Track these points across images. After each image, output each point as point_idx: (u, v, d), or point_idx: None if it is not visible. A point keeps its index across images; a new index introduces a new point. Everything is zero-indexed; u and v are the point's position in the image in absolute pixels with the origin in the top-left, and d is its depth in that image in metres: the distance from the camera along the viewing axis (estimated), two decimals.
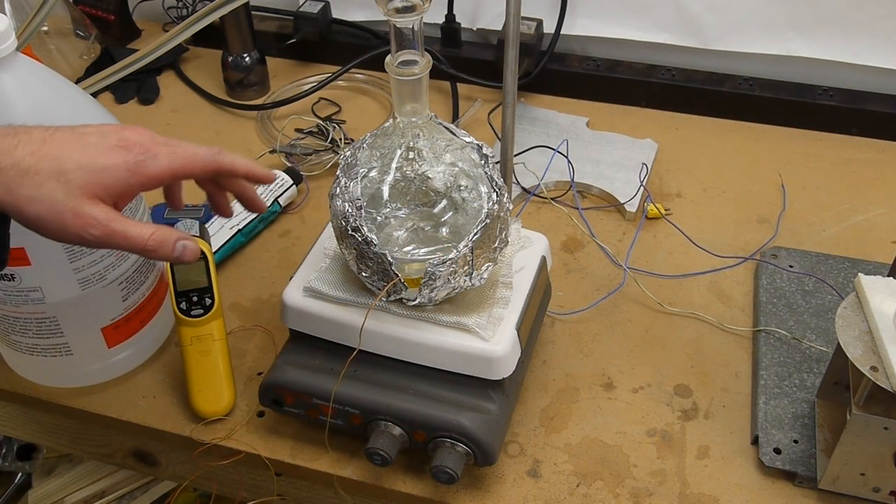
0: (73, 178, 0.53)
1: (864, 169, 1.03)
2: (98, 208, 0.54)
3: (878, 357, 0.61)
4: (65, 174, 0.53)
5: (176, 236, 0.57)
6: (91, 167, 0.54)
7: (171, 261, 0.57)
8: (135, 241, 0.55)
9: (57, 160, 0.53)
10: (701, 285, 0.87)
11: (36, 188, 0.52)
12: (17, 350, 0.77)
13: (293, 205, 0.99)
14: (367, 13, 1.22)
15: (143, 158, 0.55)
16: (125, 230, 0.54)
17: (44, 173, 0.52)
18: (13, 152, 0.52)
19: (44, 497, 1.15)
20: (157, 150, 0.56)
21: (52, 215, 0.52)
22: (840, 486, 0.67)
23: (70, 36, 1.18)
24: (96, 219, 0.53)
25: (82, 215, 0.53)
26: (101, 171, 0.54)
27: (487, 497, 0.69)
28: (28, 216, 0.52)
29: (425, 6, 0.60)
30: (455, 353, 0.66)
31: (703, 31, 1.11)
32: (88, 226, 0.53)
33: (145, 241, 0.55)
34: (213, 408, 0.75)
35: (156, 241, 0.56)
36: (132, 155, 0.55)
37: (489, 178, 0.65)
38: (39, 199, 0.52)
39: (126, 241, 0.55)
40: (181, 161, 0.57)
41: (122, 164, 0.55)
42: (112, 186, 0.54)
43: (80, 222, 0.53)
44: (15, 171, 0.52)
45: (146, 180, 0.56)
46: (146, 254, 0.56)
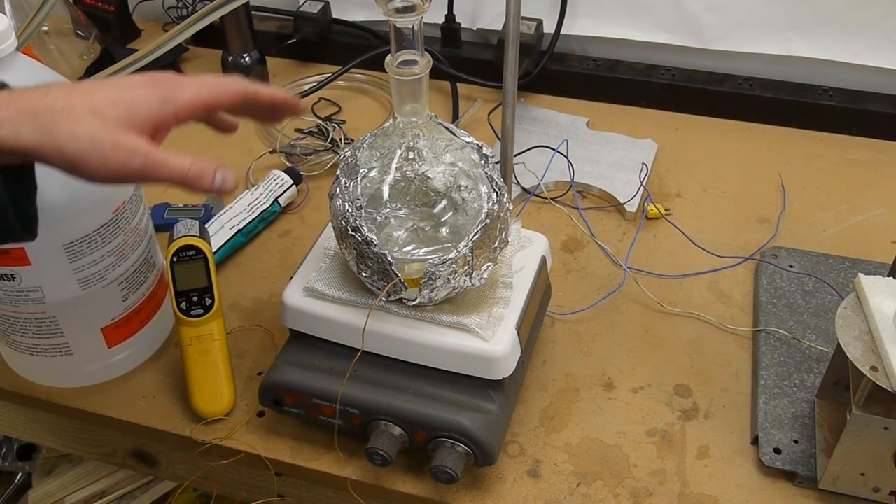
0: (108, 112, 0.53)
1: (864, 169, 1.03)
2: (137, 139, 0.54)
3: (878, 357, 0.61)
4: (100, 110, 0.53)
5: (214, 166, 0.56)
6: (124, 100, 0.54)
7: (211, 190, 0.57)
8: (176, 170, 0.55)
9: (89, 98, 0.53)
10: (701, 285, 0.87)
11: (74, 125, 0.52)
12: (17, 350, 0.77)
13: (293, 205, 0.99)
14: (367, 13, 1.22)
15: (173, 88, 0.57)
16: (166, 159, 0.54)
17: (78, 111, 0.53)
18: (44, 98, 0.53)
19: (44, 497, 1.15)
20: (184, 81, 0.58)
21: (93, 150, 0.52)
22: (840, 486, 0.67)
23: (70, 36, 1.18)
24: (136, 149, 0.53)
25: (122, 146, 0.53)
26: (135, 102, 0.55)
27: (487, 497, 0.69)
28: (69, 154, 0.52)
29: (425, 6, 0.60)
30: (455, 353, 0.66)
31: (703, 31, 1.11)
32: (130, 156, 0.53)
33: (186, 169, 0.55)
34: (213, 408, 0.75)
35: (197, 169, 0.55)
36: (161, 87, 0.56)
37: (489, 178, 0.65)
38: (78, 135, 0.52)
39: (167, 170, 0.55)
40: (209, 89, 0.58)
41: (154, 94, 0.55)
42: (147, 116, 0.55)
43: (122, 153, 0.53)
44: (50, 113, 0.52)
45: (179, 108, 0.56)
46: (187, 183, 0.55)
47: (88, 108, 0.53)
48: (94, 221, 0.70)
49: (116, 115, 0.54)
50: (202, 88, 0.58)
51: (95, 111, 0.53)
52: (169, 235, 0.76)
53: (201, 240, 0.75)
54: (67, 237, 0.69)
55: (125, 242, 0.73)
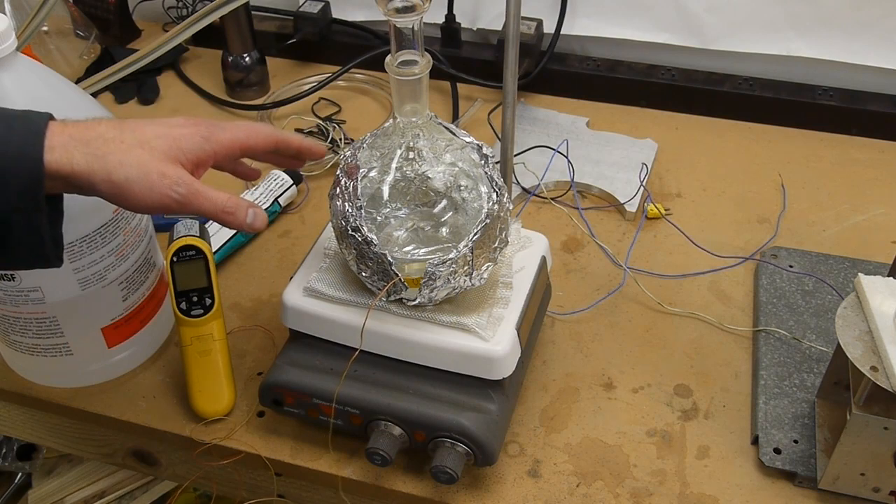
0: (155, 144, 0.57)
1: (864, 169, 1.03)
2: (182, 171, 0.58)
3: (878, 357, 0.61)
4: (148, 142, 0.57)
5: (247, 204, 0.61)
6: (170, 135, 0.58)
7: (243, 228, 0.61)
8: (215, 203, 0.59)
9: (138, 132, 0.57)
10: (701, 285, 0.87)
11: (124, 153, 0.56)
12: (17, 350, 0.77)
13: (293, 205, 0.99)
14: (367, 13, 1.22)
15: (214, 129, 0.61)
16: (205, 192, 0.58)
17: (128, 142, 0.56)
18: (95, 127, 0.56)
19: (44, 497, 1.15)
20: (224, 124, 0.62)
21: (140, 176, 0.56)
22: (840, 486, 0.67)
23: (70, 36, 1.18)
24: (181, 178, 0.57)
25: (168, 175, 0.57)
26: (180, 138, 0.58)
27: (487, 497, 0.69)
28: (117, 180, 0.55)
29: (425, 6, 0.60)
30: (455, 353, 0.66)
31: (703, 31, 1.11)
32: (174, 184, 0.57)
33: (224, 204, 0.59)
34: (213, 408, 0.75)
35: (233, 205, 0.60)
36: (203, 128, 0.60)
37: (489, 178, 0.65)
38: (128, 162, 0.55)
39: (207, 202, 0.58)
40: (246, 131, 0.63)
41: (196, 133, 0.60)
42: (191, 151, 0.59)
43: (167, 181, 0.56)
44: (101, 141, 0.55)
45: (219, 147, 0.61)
46: (221, 217, 0.59)
47: (137, 140, 0.57)
48: (94, 221, 0.70)
49: (163, 147, 0.57)
50: (240, 131, 0.63)
51: (144, 143, 0.57)
52: (169, 235, 0.76)
53: (201, 240, 0.75)
54: (67, 237, 0.68)
55: (125, 242, 0.73)
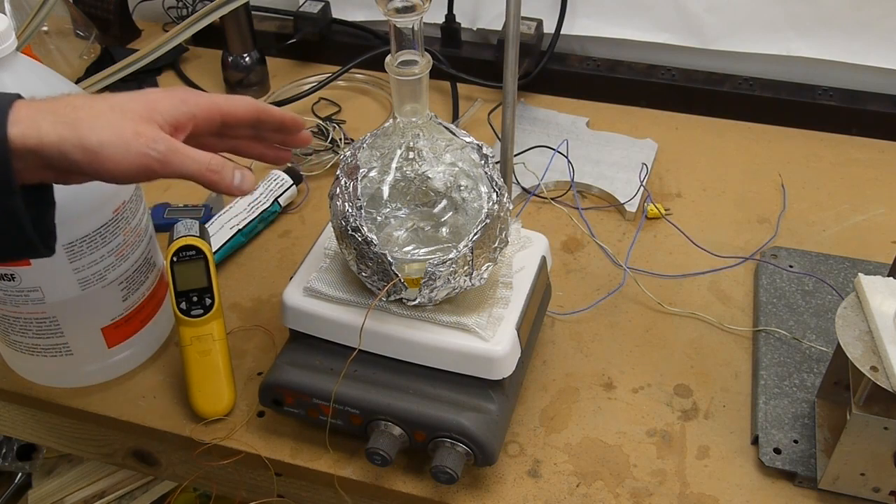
0: (129, 107, 0.54)
1: (864, 169, 1.03)
2: (158, 130, 0.54)
3: (878, 357, 0.61)
4: (120, 105, 0.54)
5: (233, 165, 0.57)
6: (144, 98, 0.55)
7: (229, 190, 0.57)
8: (198, 161, 0.55)
9: (109, 99, 0.54)
10: (701, 285, 0.87)
11: (95, 118, 0.52)
12: (17, 350, 0.77)
13: (293, 205, 0.99)
14: (367, 13, 1.22)
15: (190, 92, 0.58)
16: (188, 150, 0.55)
17: (99, 107, 0.53)
18: (63, 98, 0.53)
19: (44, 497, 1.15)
20: (200, 92, 0.59)
21: (115, 137, 0.52)
22: (840, 486, 0.67)
23: (70, 36, 1.18)
24: (159, 136, 0.54)
25: (144, 133, 0.53)
26: (155, 100, 0.55)
27: (487, 497, 0.69)
28: (90, 145, 0.52)
29: (425, 6, 0.60)
30: (455, 353, 0.66)
31: (703, 31, 1.11)
32: (152, 142, 0.53)
33: (209, 163, 0.56)
34: (213, 408, 0.75)
35: (217, 164, 0.56)
36: (178, 91, 0.58)
37: (489, 178, 0.65)
38: (99, 126, 0.52)
39: (189, 160, 0.55)
40: (224, 97, 0.60)
41: (173, 95, 0.57)
42: (167, 112, 0.55)
43: (144, 140, 0.53)
44: (70, 108, 0.52)
45: (197, 109, 0.57)
46: (207, 177, 0.56)
47: (109, 105, 0.54)
48: (94, 221, 0.70)
49: (137, 109, 0.54)
50: (218, 97, 0.60)
51: (115, 106, 0.54)
52: (169, 235, 0.76)
53: (201, 240, 0.75)
54: (67, 237, 0.69)
55: (125, 242, 0.73)
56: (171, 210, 0.95)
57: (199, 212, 0.95)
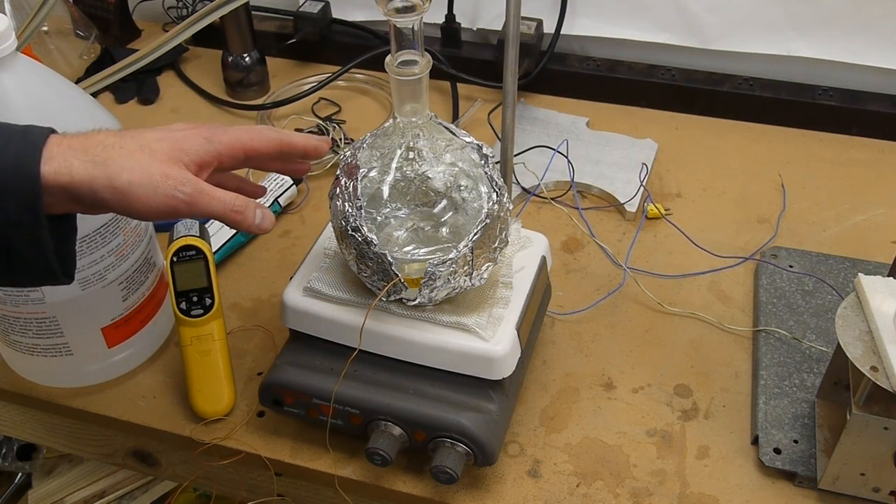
0: (156, 147, 0.56)
1: (864, 169, 1.03)
2: (185, 171, 0.56)
3: (878, 357, 0.61)
4: (148, 145, 0.55)
5: (254, 204, 0.59)
6: (171, 138, 0.57)
7: (250, 229, 0.59)
8: (223, 203, 0.57)
9: (138, 137, 0.56)
10: (701, 285, 0.87)
11: (125, 158, 0.54)
12: (17, 350, 0.77)
13: (293, 205, 0.99)
14: (367, 13, 1.22)
15: (215, 130, 0.59)
16: (214, 191, 0.57)
17: (128, 147, 0.55)
18: (95, 136, 0.55)
19: (44, 497, 1.15)
20: (226, 127, 0.60)
21: (143, 178, 0.54)
22: (840, 486, 0.67)
23: (70, 36, 1.18)
24: (186, 178, 0.56)
25: (172, 176, 0.55)
26: (182, 139, 0.57)
27: (487, 497, 0.69)
28: (120, 186, 0.54)
29: (425, 6, 0.60)
30: (455, 353, 0.66)
31: (703, 31, 1.11)
32: (179, 185, 0.55)
33: (233, 203, 0.58)
34: (213, 408, 0.75)
35: (241, 205, 0.58)
36: (203, 129, 0.59)
37: (489, 178, 0.65)
38: (129, 167, 0.54)
39: (216, 201, 0.57)
40: (248, 132, 0.61)
41: (198, 134, 0.58)
42: (194, 152, 0.57)
43: (172, 182, 0.55)
44: (101, 148, 0.54)
45: (222, 147, 0.59)
46: (231, 217, 0.58)
47: (138, 144, 0.55)
48: (94, 221, 0.70)
49: (164, 149, 0.56)
50: (241, 132, 0.61)
51: (144, 146, 0.55)
52: (169, 235, 0.76)
53: (201, 240, 0.75)
54: None
55: (125, 242, 0.73)
56: None
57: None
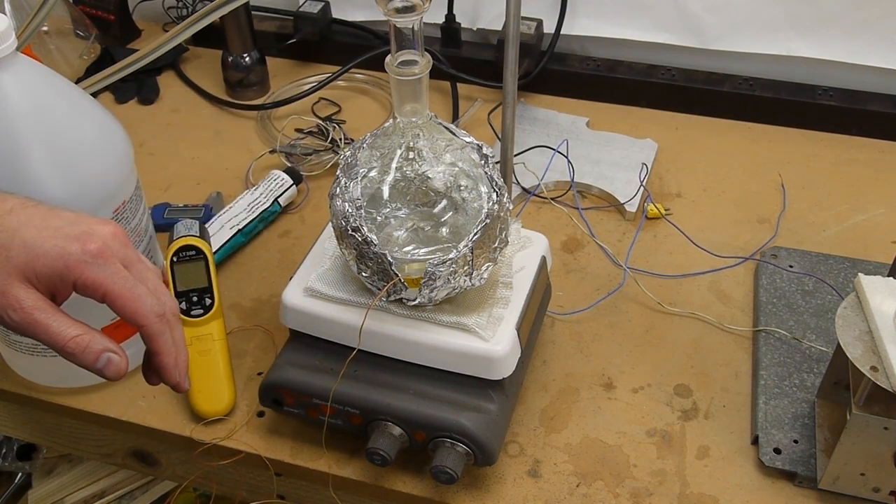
0: (13, 255, 0.51)
1: (864, 169, 1.03)
2: (28, 293, 0.51)
3: (878, 357, 0.61)
4: (8, 250, 0.51)
5: (102, 346, 0.53)
6: (33, 249, 0.51)
7: (93, 371, 0.53)
8: (55, 338, 0.52)
9: (9, 234, 0.51)
10: (701, 285, 0.87)
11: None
12: (17, 350, 0.77)
13: (293, 205, 0.99)
14: (367, 13, 1.22)
15: (91, 261, 0.52)
16: (47, 323, 0.51)
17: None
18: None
19: (44, 497, 1.15)
20: (112, 263, 0.53)
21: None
22: (840, 486, 0.67)
23: (70, 36, 1.18)
24: (21, 303, 0.51)
25: (7, 295, 0.51)
26: (41, 256, 0.51)
27: (487, 497, 0.69)
28: None
29: (425, 6, 0.60)
30: (455, 353, 0.66)
31: (703, 31, 1.11)
32: (10, 307, 0.51)
33: (65, 341, 0.52)
34: (213, 408, 0.75)
35: (77, 344, 0.52)
36: (80, 249, 0.52)
37: (489, 178, 0.65)
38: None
39: (46, 334, 0.52)
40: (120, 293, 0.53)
41: (65, 256, 0.52)
42: (43, 274, 0.51)
43: (4, 302, 0.51)
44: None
45: (79, 283, 0.52)
46: (65, 355, 0.53)
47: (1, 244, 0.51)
48: None
49: (20, 260, 0.51)
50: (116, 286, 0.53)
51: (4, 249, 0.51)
52: (169, 235, 0.76)
53: (201, 240, 0.75)
54: None
55: None
56: (171, 210, 0.95)
57: (199, 212, 0.95)
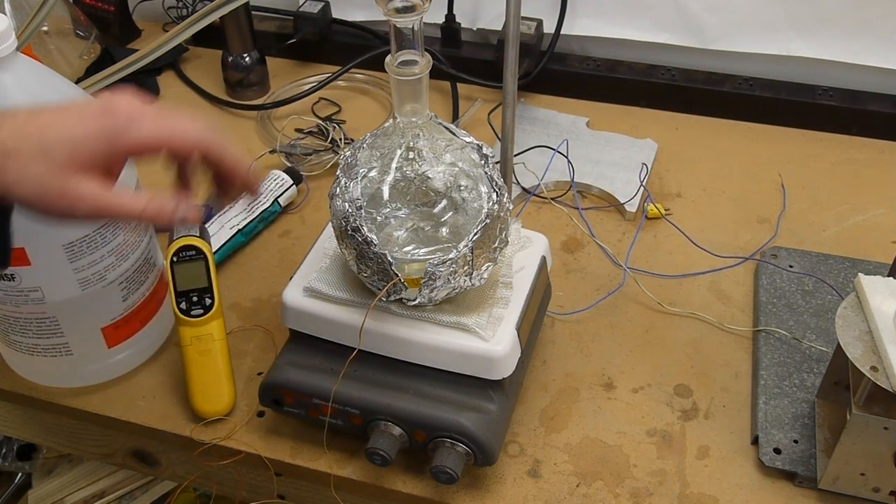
0: (55, 153, 0.51)
1: (864, 169, 1.03)
2: (84, 183, 0.52)
3: (878, 357, 0.61)
4: (47, 151, 0.51)
5: (175, 203, 0.55)
6: (71, 140, 0.52)
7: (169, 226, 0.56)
8: (128, 213, 0.54)
9: (38, 138, 0.51)
10: (701, 285, 0.87)
11: (21, 169, 0.50)
12: (17, 350, 0.77)
13: (293, 205, 0.99)
14: (367, 13, 1.22)
15: (125, 126, 0.53)
16: (115, 204, 0.53)
17: (26, 153, 0.51)
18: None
19: (44, 497, 1.15)
20: (143, 118, 0.54)
21: (38, 197, 0.51)
22: (840, 486, 0.67)
23: (70, 36, 1.18)
24: (82, 196, 0.52)
25: (67, 194, 0.51)
26: (81, 143, 0.52)
27: (487, 497, 0.69)
28: (18, 198, 0.51)
29: (425, 6, 0.60)
30: (455, 353, 0.66)
31: (703, 31, 1.11)
32: (76, 202, 0.52)
33: (140, 211, 0.54)
34: (213, 408, 0.75)
35: (153, 210, 0.54)
36: (112, 122, 0.53)
37: (489, 178, 0.65)
38: (25, 180, 0.51)
39: (119, 213, 0.54)
40: (167, 132, 0.55)
41: (101, 134, 0.52)
42: (93, 158, 0.52)
43: (66, 202, 0.51)
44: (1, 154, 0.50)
45: (127, 149, 0.54)
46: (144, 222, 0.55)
47: (37, 150, 0.51)
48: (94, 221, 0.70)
49: (63, 156, 0.51)
50: (159, 130, 0.54)
51: (43, 152, 0.51)
52: (169, 235, 0.76)
53: (201, 240, 0.75)
54: (67, 237, 0.69)
55: (125, 242, 0.73)
56: None
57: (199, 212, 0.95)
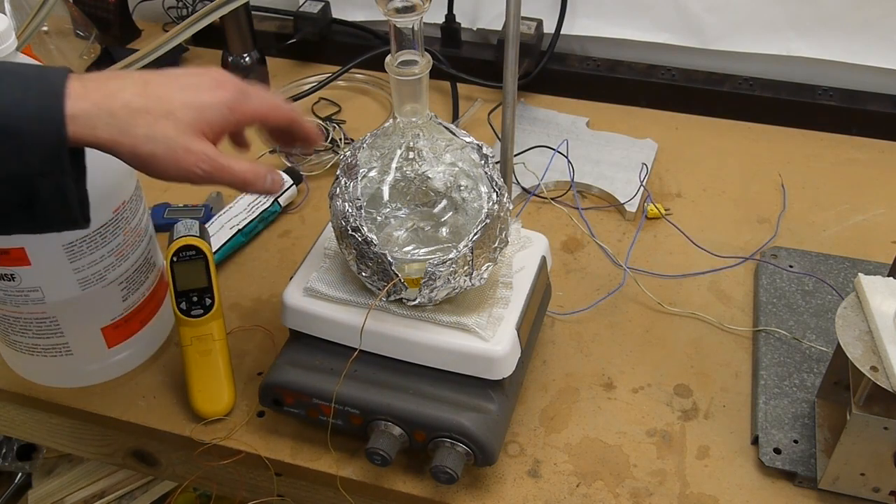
0: (181, 115, 0.55)
1: (864, 169, 1.03)
2: (206, 144, 0.56)
3: (878, 357, 0.61)
4: (173, 112, 0.55)
5: (266, 170, 0.61)
6: (196, 105, 0.56)
7: (263, 191, 0.61)
8: (237, 175, 0.58)
9: (165, 100, 0.55)
10: (701, 285, 0.87)
11: (150, 127, 0.54)
12: (17, 350, 0.77)
13: (293, 205, 0.99)
14: (367, 13, 1.22)
15: (241, 97, 0.59)
16: (228, 165, 0.58)
17: (154, 113, 0.54)
18: (121, 94, 0.54)
19: (44, 497, 1.15)
20: (250, 92, 0.60)
21: (167, 152, 0.55)
22: (840, 486, 0.67)
23: (70, 36, 1.18)
24: (206, 154, 0.56)
25: (194, 151, 0.55)
26: (206, 108, 0.57)
27: (487, 497, 0.69)
28: (143, 155, 0.54)
29: (425, 6, 0.60)
30: (455, 353, 0.66)
31: (703, 31, 1.11)
32: (200, 161, 0.56)
33: (244, 174, 0.59)
34: (213, 408, 0.75)
35: (252, 174, 0.59)
36: (229, 93, 0.58)
37: (489, 178, 0.65)
38: (154, 137, 0.54)
39: (230, 174, 0.58)
40: (269, 106, 0.61)
41: (223, 102, 0.58)
42: (215, 123, 0.57)
43: (193, 158, 0.55)
44: (126, 112, 0.53)
45: (242, 117, 0.59)
46: (243, 186, 0.59)
47: (164, 110, 0.55)
48: (94, 221, 0.69)
49: (188, 120, 0.56)
50: (264, 104, 0.61)
51: (170, 113, 0.55)
52: (169, 235, 0.76)
53: (201, 240, 0.75)
54: (67, 237, 0.69)
55: (125, 242, 0.73)
56: (171, 210, 0.95)
57: (199, 212, 0.95)
